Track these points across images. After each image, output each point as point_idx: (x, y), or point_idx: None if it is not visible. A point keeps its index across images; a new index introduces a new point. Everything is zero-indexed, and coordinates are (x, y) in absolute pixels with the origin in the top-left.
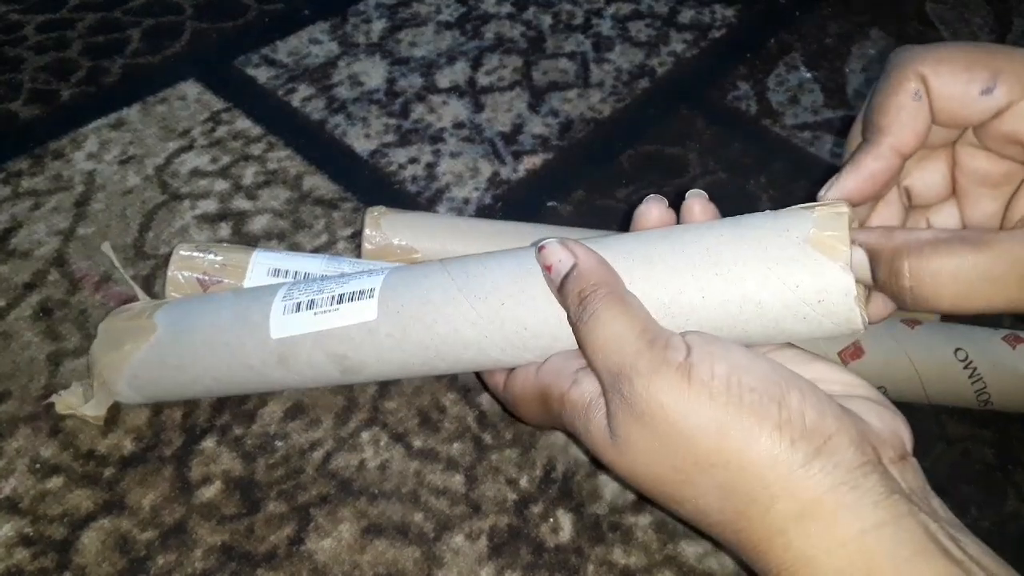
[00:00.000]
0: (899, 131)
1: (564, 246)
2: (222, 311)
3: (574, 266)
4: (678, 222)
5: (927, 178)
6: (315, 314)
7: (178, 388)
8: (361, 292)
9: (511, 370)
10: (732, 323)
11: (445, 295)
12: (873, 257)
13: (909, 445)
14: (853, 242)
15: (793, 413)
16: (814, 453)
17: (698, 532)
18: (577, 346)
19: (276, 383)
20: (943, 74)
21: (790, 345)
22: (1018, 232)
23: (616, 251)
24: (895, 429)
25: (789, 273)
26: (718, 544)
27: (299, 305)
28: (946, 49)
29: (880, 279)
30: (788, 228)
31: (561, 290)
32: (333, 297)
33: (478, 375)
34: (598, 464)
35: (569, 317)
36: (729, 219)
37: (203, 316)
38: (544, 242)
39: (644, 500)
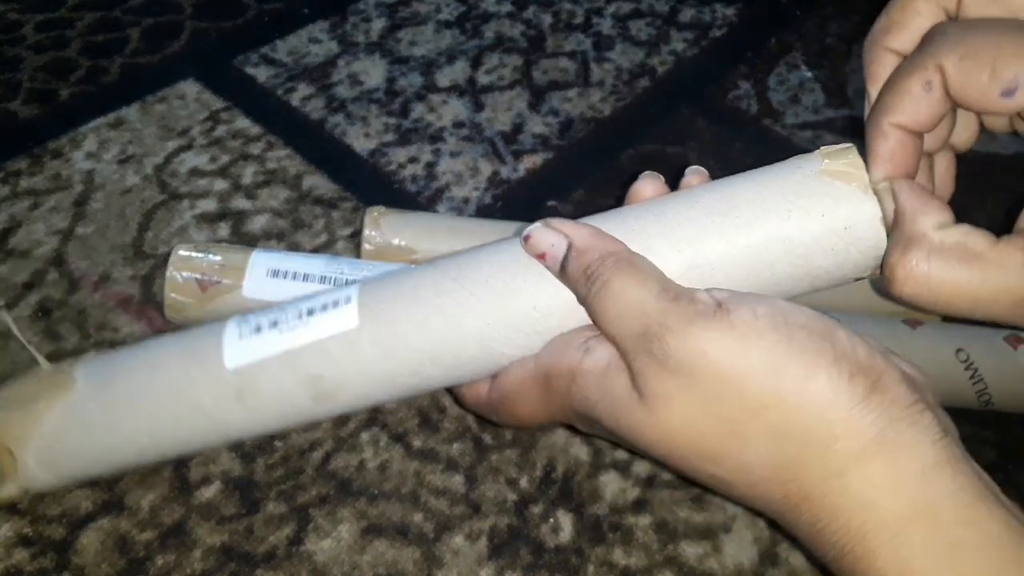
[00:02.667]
0: (899, 114)
1: (551, 228)
2: (161, 351)
3: (569, 246)
4: None
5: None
6: (280, 333)
7: (104, 456)
8: (335, 302)
9: (494, 377)
10: (760, 267)
11: (438, 287)
12: (897, 219)
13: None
14: (893, 189)
15: (846, 349)
16: (871, 388)
17: (724, 498)
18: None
19: (231, 428)
20: (964, 69)
21: None
22: (1014, 255)
23: (624, 215)
24: (925, 378)
25: (813, 204)
26: (744, 506)
27: (259, 327)
28: (974, 39)
29: (889, 247)
30: (800, 167)
31: (563, 273)
32: (300, 312)
33: (451, 392)
34: (613, 442)
35: (578, 297)
36: (734, 175)
37: (136, 361)
38: (528, 230)
39: (661, 467)
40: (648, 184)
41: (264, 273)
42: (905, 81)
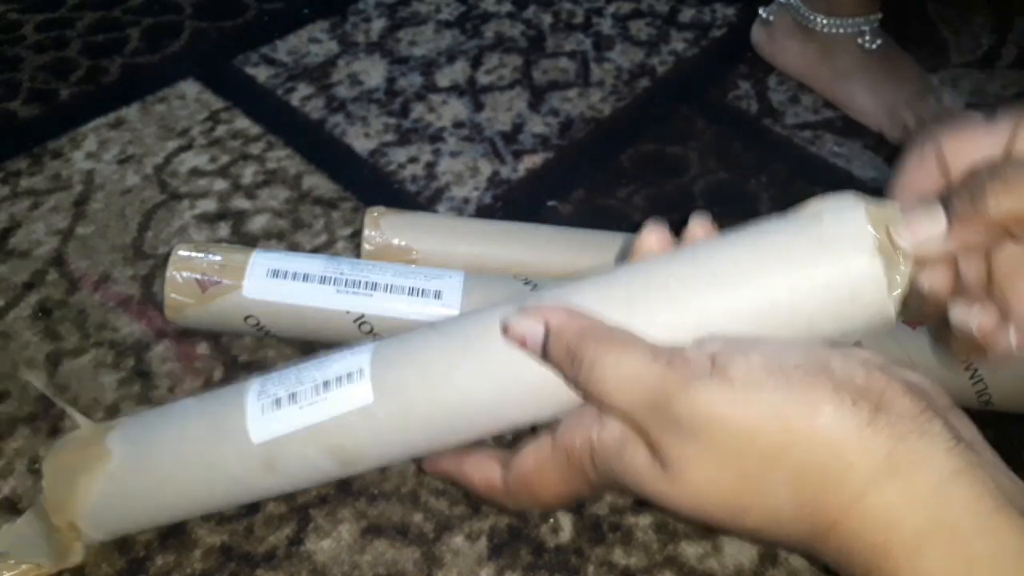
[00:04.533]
0: (906, 177)
1: (526, 315)
2: (188, 423)
3: (547, 330)
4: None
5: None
6: (300, 408)
7: (149, 517)
8: (349, 375)
9: (505, 459)
10: (763, 332)
11: (448, 360)
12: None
13: (949, 399)
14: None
15: (842, 376)
16: (875, 409)
17: (763, 543)
18: None
19: (265, 491)
20: (950, 130)
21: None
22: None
23: (627, 280)
24: (931, 384)
25: (819, 273)
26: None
27: (278, 401)
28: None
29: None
30: (804, 229)
31: (547, 358)
32: (316, 386)
33: (457, 484)
34: (641, 502)
35: (566, 379)
36: (738, 231)
37: (166, 433)
38: (504, 319)
39: (698, 526)
40: (653, 237)
41: (264, 273)
42: (907, 158)
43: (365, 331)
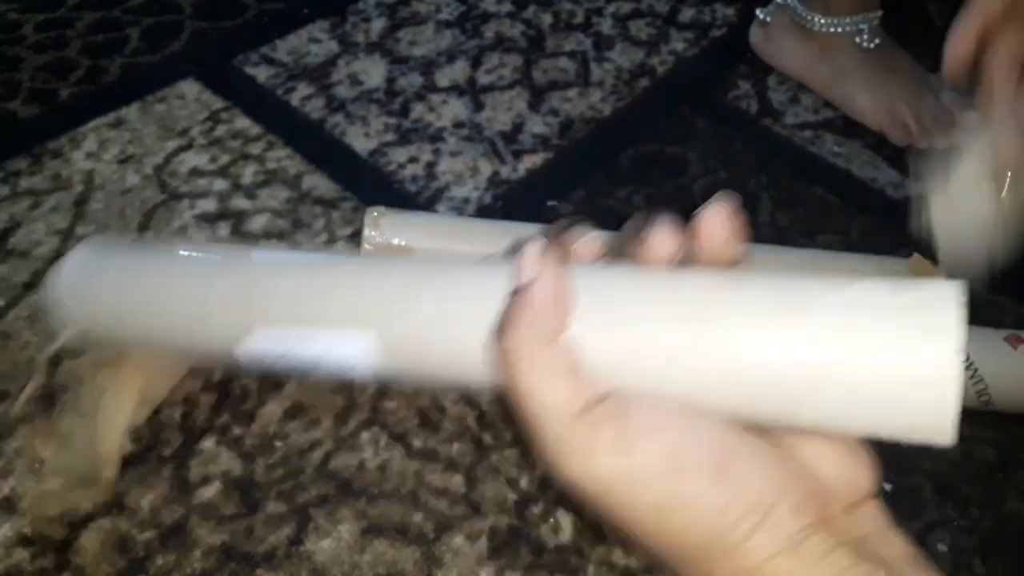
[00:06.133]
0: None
1: (535, 261)
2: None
3: (526, 288)
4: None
5: None
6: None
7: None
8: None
9: None
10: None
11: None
12: None
13: (868, 488)
14: None
15: (738, 487)
16: (753, 528)
17: None
18: None
19: None
20: None
21: None
22: None
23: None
24: (852, 476)
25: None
26: None
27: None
28: None
29: None
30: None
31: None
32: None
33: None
34: None
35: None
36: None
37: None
38: (526, 251)
39: None
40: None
41: None
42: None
43: None
